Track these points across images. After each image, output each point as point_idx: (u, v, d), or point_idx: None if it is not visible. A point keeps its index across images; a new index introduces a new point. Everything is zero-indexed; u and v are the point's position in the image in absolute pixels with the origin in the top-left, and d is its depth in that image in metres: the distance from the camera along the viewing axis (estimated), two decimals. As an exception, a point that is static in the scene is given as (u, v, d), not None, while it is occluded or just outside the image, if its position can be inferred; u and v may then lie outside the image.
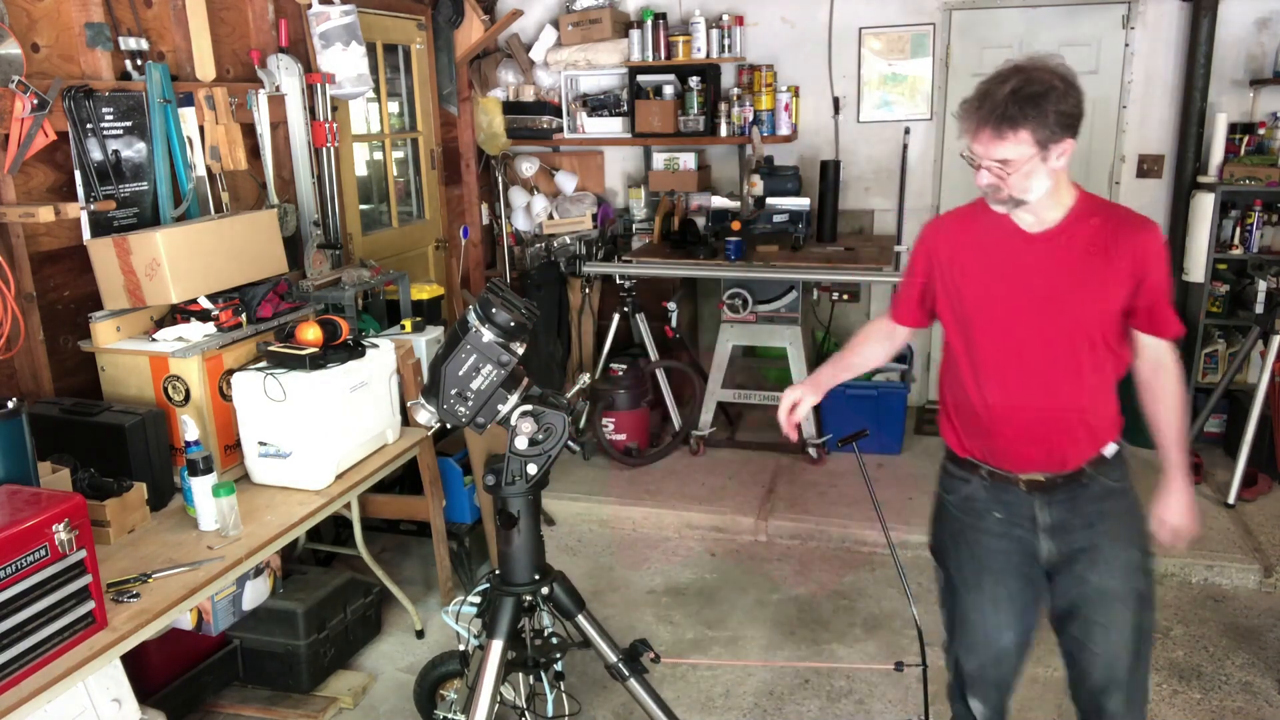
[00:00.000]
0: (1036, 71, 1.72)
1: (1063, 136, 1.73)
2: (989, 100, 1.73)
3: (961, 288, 1.96)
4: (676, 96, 5.02)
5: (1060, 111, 1.70)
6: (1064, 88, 1.71)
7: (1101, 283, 1.84)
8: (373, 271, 3.82)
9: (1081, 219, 1.85)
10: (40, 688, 1.93)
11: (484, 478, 2.11)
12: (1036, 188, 1.79)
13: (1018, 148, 1.72)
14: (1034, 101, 1.69)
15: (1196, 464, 4.37)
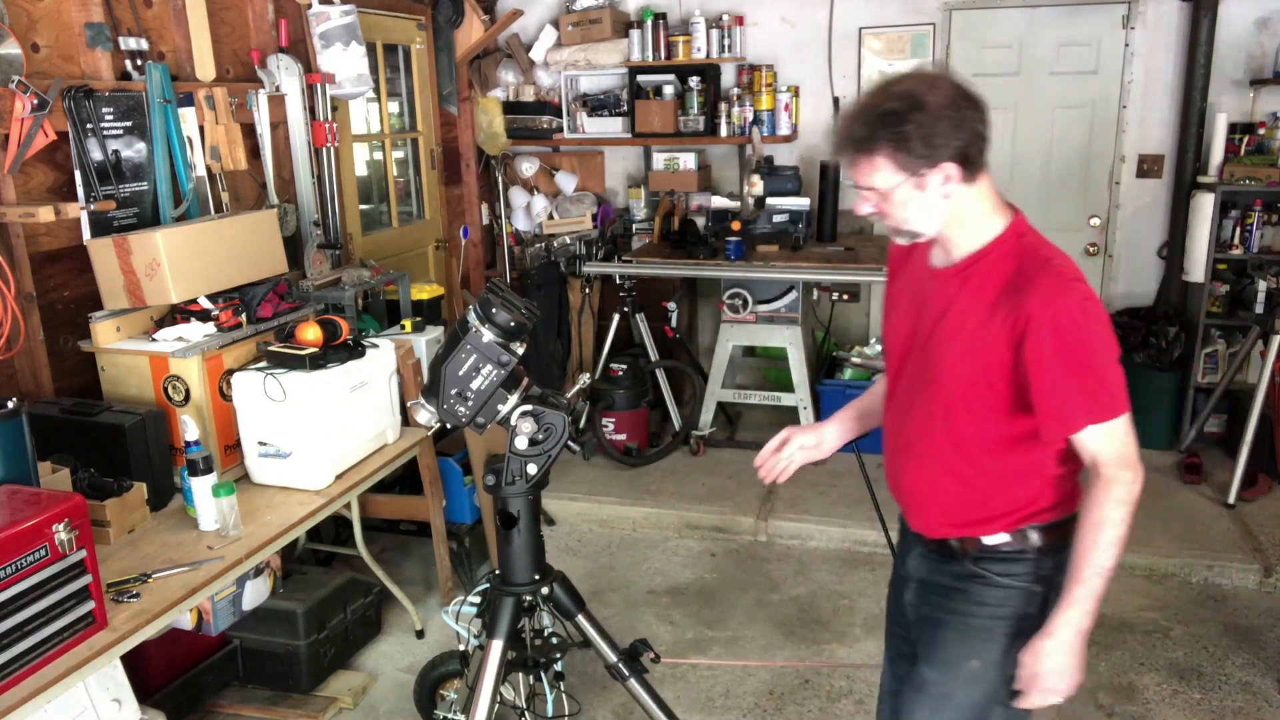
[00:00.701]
0: (906, 85, 1.50)
1: (937, 161, 1.49)
2: (842, 120, 1.55)
3: (886, 315, 1.82)
4: (676, 96, 5.02)
5: (928, 132, 1.46)
6: (939, 105, 1.47)
7: (976, 339, 1.57)
8: (373, 271, 3.82)
9: (991, 261, 1.57)
10: (40, 688, 1.93)
11: (484, 478, 2.11)
12: (924, 220, 1.57)
13: (879, 173, 1.52)
14: (888, 121, 1.47)
15: (1196, 464, 4.37)
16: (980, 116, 1.51)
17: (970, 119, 1.50)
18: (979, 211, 1.58)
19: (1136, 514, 1.58)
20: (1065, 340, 1.49)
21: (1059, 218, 5.03)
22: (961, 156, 1.50)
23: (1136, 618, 3.42)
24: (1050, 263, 1.54)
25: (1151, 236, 4.91)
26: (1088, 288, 1.53)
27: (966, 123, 1.49)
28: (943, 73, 1.54)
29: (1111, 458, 1.55)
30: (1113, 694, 3.00)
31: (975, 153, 1.51)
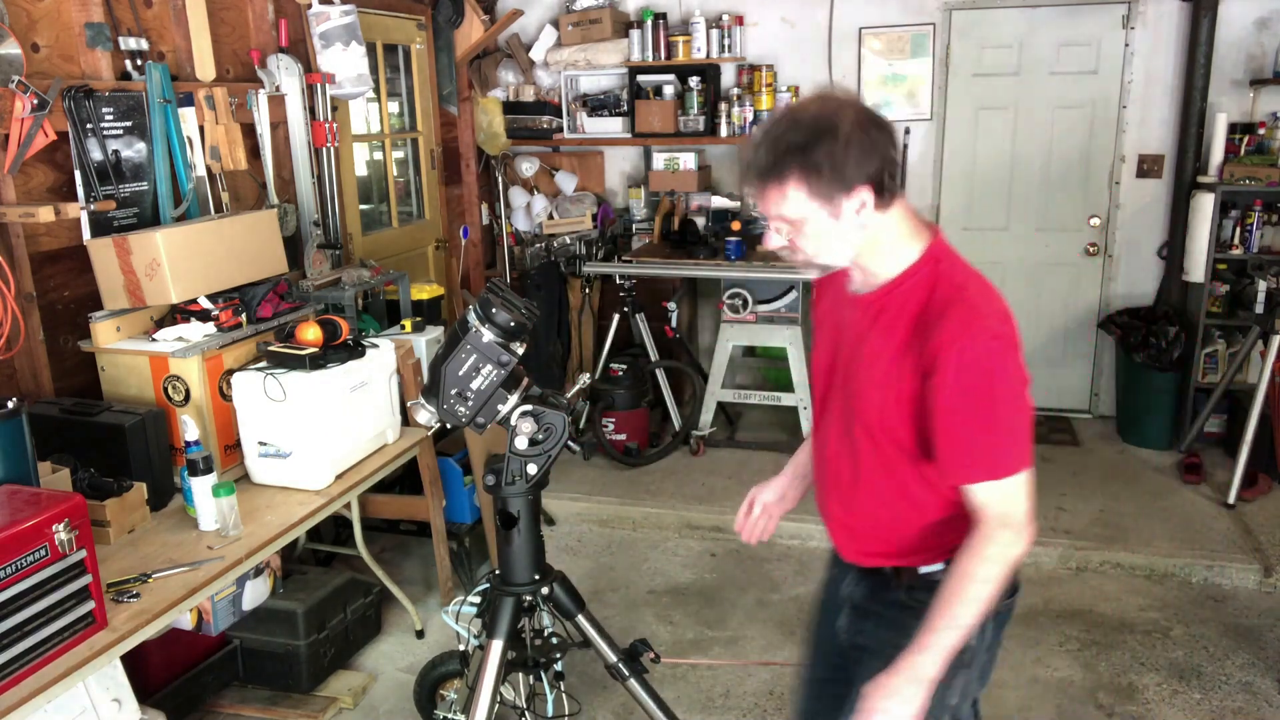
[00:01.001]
0: (813, 110, 1.44)
1: (852, 187, 1.42)
2: (750, 148, 1.47)
3: (814, 338, 1.76)
4: (676, 96, 5.02)
5: (839, 159, 1.40)
6: (850, 130, 1.41)
7: (885, 373, 1.51)
8: (373, 271, 3.82)
9: (906, 289, 1.51)
10: (40, 688, 1.93)
11: (484, 478, 2.11)
12: (838, 251, 1.51)
13: (791, 202, 1.45)
14: (798, 150, 1.41)
15: (1196, 464, 4.37)
16: (890, 139, 1.46)
17: (881, 142, 1.44)
18: (894, 238, 1.52)
19: (1137, 514, 1.54)
20: (968, 387, 1.43)
21: (1059, 218, 5.03)
22: (875, 182, 1.44)
23: (1136, 618, 3.42)
24: (964, 292, 1.48)
25: (1151, 236, 4.91)
26: (1000, 322, 1.46)
27: (878, 147, 1.43)
28: (848, 96, 1.48)
29: (995, 515, 1.48)
30: (1113, 694, 3.00)
31: (888, 178, 1.45)
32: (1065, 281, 5.10)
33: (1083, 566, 3.75)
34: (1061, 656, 3.21)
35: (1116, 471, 4.49)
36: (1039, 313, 5.17)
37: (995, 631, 1.63)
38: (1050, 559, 3.79)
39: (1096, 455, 4.70)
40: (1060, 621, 3.41)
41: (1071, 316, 5.13)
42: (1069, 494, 4.25)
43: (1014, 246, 5.12)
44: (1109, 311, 4.96)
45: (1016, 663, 3.17)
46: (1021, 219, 5.09)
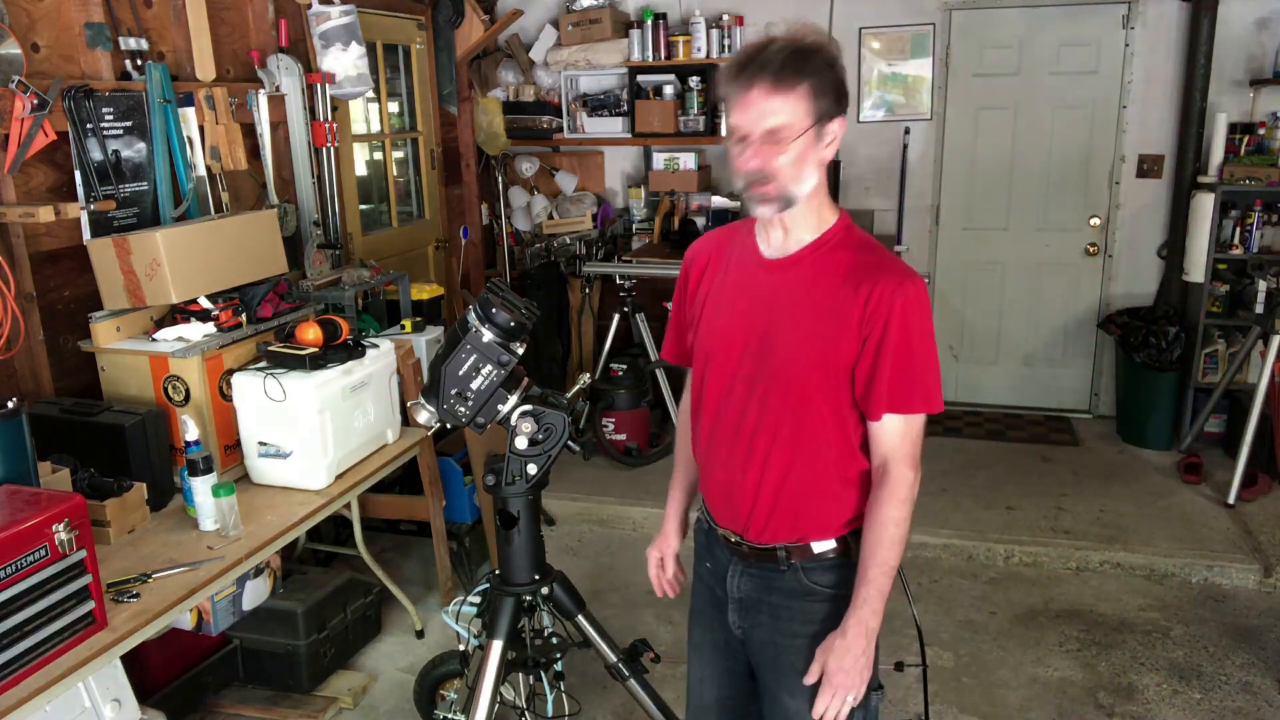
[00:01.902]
0: (803, 33, 1.56)
1: (836, 112, 1.53)
2: (761, 54, 1.52)
3: (699, 316, 1.74)
4: (676, 96, 5.02)
5: (839, 82, 1.53)
6: (835, 54, 1.56)
7: (820, 329, 1.56)
8: (373, 271, 3.82)
9: (829, 250, 1.59)
10: (40, 688, 1.93)
11: (484, 478, 2.11)
12: (806, 180, 1.54)
13: (794, 110, 1.49)
14: (810, 56, 1.51)
15: (1196, 464, 4.37)
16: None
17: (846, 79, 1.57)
18: (820, 199, 1.60)
19: (1137, 514, 1.59)
20: (911, 327, 1.53)
21: (1059, 218, 5.03)
22: (844, 113, 1.56)
23: (1136, 618, 3.42)
24: (884, 253, 1.60)
25: (1151, 236, 4.91)
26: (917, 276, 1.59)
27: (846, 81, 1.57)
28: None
29: (903, 455, 1.59)
30: (1113, 694, 3.00)
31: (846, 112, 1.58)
32: (1065, 281, 5.10)
33: (1083, 566, 3.75)
34: (1061, 656, 3.21)
35: (1116, 471, 4.49)
36: (1039, 313, 5.18)
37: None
38: (1050, 559, 3.79)
39: (1096, 455, 4.70)
40: (1060, 621, 3.41)
41: (1071, 316, 5.13)
42: (1069, 494, 4.25)
43: (1014, 246, 5.12)
44: (1109, 311, 4.96)
45: (1016, 663, 3.17)
46: (1021, 219, 5.09)
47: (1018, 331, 5.23)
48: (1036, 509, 4.12)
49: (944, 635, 3.33)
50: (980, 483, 4.40)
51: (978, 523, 4.01)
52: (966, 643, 3.29)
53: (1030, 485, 4.36)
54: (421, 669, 2.82)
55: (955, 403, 5.41)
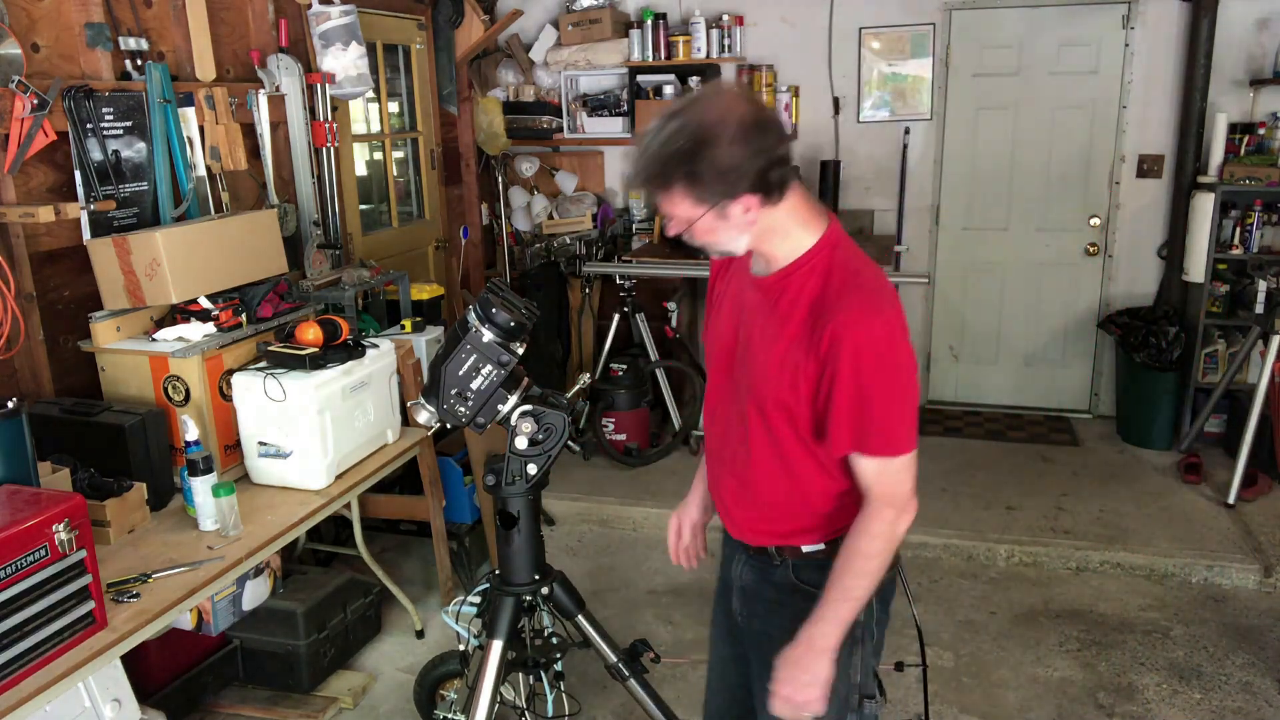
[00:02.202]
0: (695, 116, 1.44)
1: (735, 194, 1.45)
2: (637, 154, 1.49)
3: (708, 321, 1.79)
4: (676, 96, 5.02)
5: (721, 168, 1.42)
6: (732, 136, 1.41)
7: (782, 355, 1.55)
8: (373, 271, 3.82)
9: (806, 274, 1.55)
10: (40, 688, 1.93)
11: (484, 478, 2.11)
12: (733, 242, 1.54)
13: (677, 207, 1.49)
14: (681, 159, 1.43)
15: (1196, 464, 4.37)
16: (776, 139, 1.46)
17: (764, 147, 1.44)
18: (789, 226, 1.55)
19: (1137, 514, 1.58)
20: (864, 368, 1.48)
21: (1059, 218, 5.03)
22: (760, 185, 1.46)
23: (1136, 618, 3.42)
24: (859, 277, 1.53)
25: (1151, 236, 4.91)
26: (894, 309, 1.51)
27: (760, 152, 1.44)
28: (734, 97, 1.48)
29: (881, 493, 1.56)
30: (1113, 694, 3.00)
31: (776, 177, 1.47)
32: (1065, 281, 5.10)
33: (1083, 566, 3.75)
34: (1061, 656, 3.21)
35: (1116, 471, 4.49)
36: (1039, 313, 5.18)
37: (881, 609, 1.71)
38: (1050, 559, 3.79)
39: (1096, 455, 4.70)
40: (1060, 621, 3.41)
41: (1071, 316, 5.13)
42: (1069, 494, 4.25)
43: (1014, 246, 5.12)
44: (1109, 311, 4.96)
45: (1016, 663, 3.17)
46: (1021, 219, 5.09)
47: (1018, 331, 5.23)
48: (1036, 509, 4.12)
49: (944, 635, 3.33)
50: (980, 483, 4.40)
51: (978, 523, 4.01)
52: (966, 643, 3.29)
53: (1030, 485, 4.36)
54: (421, 669, 2.82)
55: (955, 403, 5.41)
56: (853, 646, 1.67)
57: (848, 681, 1.69)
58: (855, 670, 1.70)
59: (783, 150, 1.48)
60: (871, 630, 1.70)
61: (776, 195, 1.49)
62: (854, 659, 1.69)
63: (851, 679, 1.70)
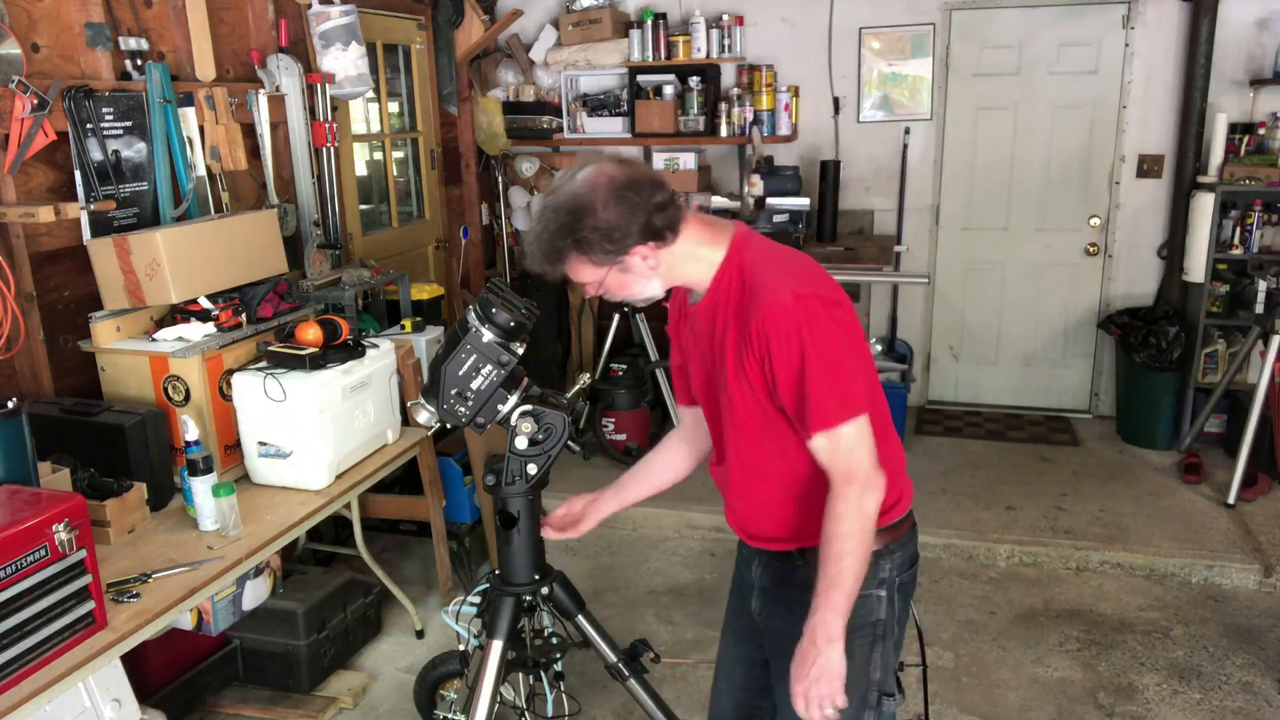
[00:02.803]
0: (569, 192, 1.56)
1: (626, 249, 1.55)
2: (530, 239, 1.62)
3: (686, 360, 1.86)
4: (676, 96, 5.02)
5: (604, 230, 1.53)
6: (605, 200, 1.53)
7: (735, 367, 1.63)
8: (373, 271, 3.82)
9: (725, 288, 1.63)
10: (40, 688, 1.93)
11: (484, 478, 2.11)
12: (645, 288, 1.65)
13: (578, 273, 1.61)
14: (564, 232, 1.55)
15: (1196, 464, 4.37)
16: (651, 193, 1.56)
17: (641, 202, 1.54)
18: (694, 252, 1.64)
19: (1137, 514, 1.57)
20: (788, 346, 1.53)
21: (1059, 218, 5.03)
22: (647, 234, 1.56)
23: (1136, 618, 3.42)
24: (768, 265, 1.60)
25: (1151, 236, 4.91)
26: (810, 284, 1.56)
27: (639, 207, 1.54)
28: (606, 166, 1.58)
29: (837, 470, 1.57)
30: (1113, 694, 3.00)
31: (660, 222, 1.56)
32: (1065, 281, 5.10)
33: (1083, 566, 3.76)
34: (1061, 656, 3.21)
35: (1116, 471, 4.49)
36: (1039, 313, 5.18)
37: (902, 604, 1.73)
38: (1050, 559, 3.79)
39: (1096, 455, 4.70)
40: (1060, 621, 3.41)
41: (1071, 316, 5.13)
42: (1069, 494, 4.25)
43: (1014, 246, 5.12)
44: (1109, 311, 4.96)
45: (1016, 663, 3.17)
46: (1021, 219, 5.09)
47: (1018, 331, 5.23)
48: (1036, 509, 4.12)
49: (944, 635, 3.33)
50: (980, 483, 4.40)
51: (978, 523, 4.01)
52: (966, 643, 3.29)
53: (1030, 485, 4.36)
54: (421, 669, 2.82)
55: (955, 403, 5.41)
56: (873, 643, 1.69)
57: (867, 678, 1.70)
58: (875, 667, 1.70)
59: (660, 198, 1.57)
60: (892, 627, 1.71)
61: (669, 235, 1.59)
62: (874, 655, 1.70)
63: (871, 676, 1.70)
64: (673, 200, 1.59)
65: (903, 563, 1.72)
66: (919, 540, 1.84)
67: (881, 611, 1.69)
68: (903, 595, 1.72)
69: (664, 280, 1.65)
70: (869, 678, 1.71)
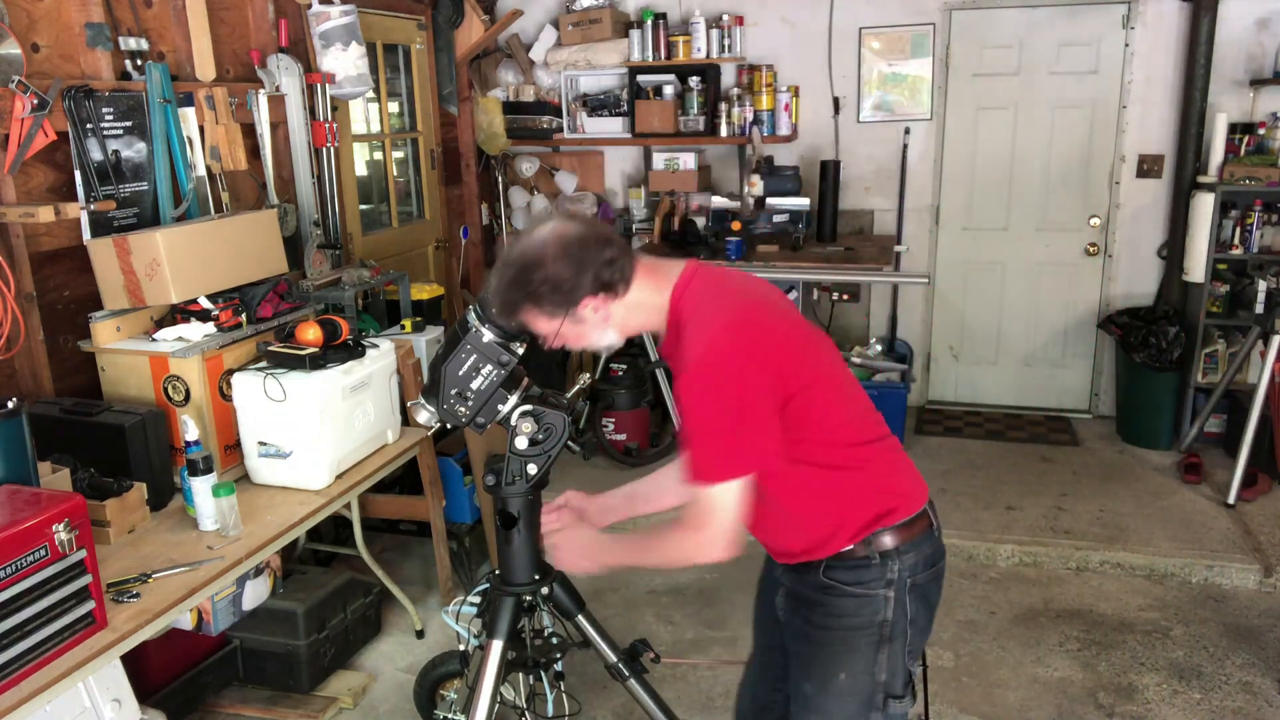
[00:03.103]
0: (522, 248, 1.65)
1: (577, 300, 1.63)
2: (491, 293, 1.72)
3: None
4: (676, 96, 5.02)
5: (554, 283, 1.61)
6: (554, 256, 1.61)
7: None
8: (373, 271, 3.82)
9: (674, 330, 1.70)
10: (40, 688, 1.93)
11: (484, 478, 2.11)
12: (601, 337, 1.74)
13: (537, 325, 1.71)
14: (516, 286, 1.65)
15: (1196, 464, 4.37)
16: (601, 248, 1.63)
17: (591, 257, 1.62)
18: (645, 300, 1.70)
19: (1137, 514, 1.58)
20: (682, 392, 1.59)
21: (1059, 218, 5.03)
22: (596, 287, 1.63)
23: (1136, 618, 3.42)
24: (700, 309, 1.65)
25: (1151, 236, 4.91)
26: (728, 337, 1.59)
27: (589, 262, 1.61)
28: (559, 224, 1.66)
29: (692, 518, 1.63)
30: (1113, 694, 3.00)
31: (609, 276, 1.64)
32: (1065, 281, 5.10)
33: (1083, 566, 3.76)
34: (1061, 656, 3.21)
35: (1116, 471, 4.49)
36: (1039, 313, 5.18)
37: (917, 606, 1.72)
38: (1050, 559, 3.79)
39: (1096, 455, 4.70)
40: (1060, 621, 3.41)
41: (1071, 316, 5.13)
42: (1069, 494, 4.25)
43: (1014, 246, 5.12)
44: (1109, 311, 4.96)
45: (1016, 663, 3.17)
46: (1021, 219, 5.09)
47: (1018, 331, 5.23)
48: (1036, 509, 4.12)
49: (944, 635, 3.33)
50: (980, 483, 4.40)
51: (978, 523, 4.01)
52: (966, 643, 3.29)
53: (1030, 485, 4.36)
54: (421, 669, 2.82)
55: (955, 403, 5.41)
56: (879, 643, 1.69)
57: (872, 679, 1.71)
58: (880, 668, 1.70)
59: (609, 253, 1.64)
60: (904, 629, 1.70)
61: (621, 288, 1.66)
62: (879, 656, 1.70)
63: (876, 677, 1.71)
64: (623, 254, 1.66)
65: (916, 564, 1.71)
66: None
67: (888, 612, 1.68)
68: (918, 597, 1.71)
69: (619, 330, 1.73)
70: (874, 678, 1.71)
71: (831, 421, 1.67)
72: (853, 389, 1.75)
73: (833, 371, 1.72)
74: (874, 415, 1.76)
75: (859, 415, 1.72)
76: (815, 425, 1.65)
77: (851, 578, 1.69)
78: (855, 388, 1.76)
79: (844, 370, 1.77)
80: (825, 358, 1.72)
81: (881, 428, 1.76)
